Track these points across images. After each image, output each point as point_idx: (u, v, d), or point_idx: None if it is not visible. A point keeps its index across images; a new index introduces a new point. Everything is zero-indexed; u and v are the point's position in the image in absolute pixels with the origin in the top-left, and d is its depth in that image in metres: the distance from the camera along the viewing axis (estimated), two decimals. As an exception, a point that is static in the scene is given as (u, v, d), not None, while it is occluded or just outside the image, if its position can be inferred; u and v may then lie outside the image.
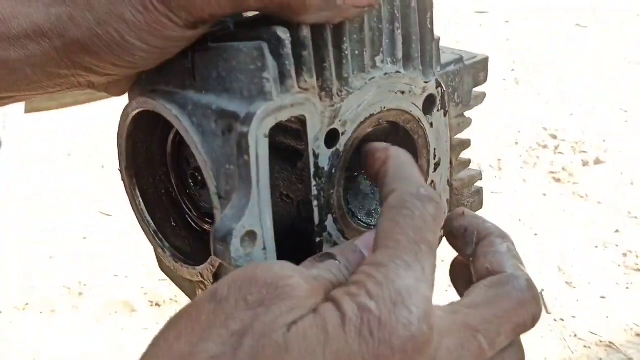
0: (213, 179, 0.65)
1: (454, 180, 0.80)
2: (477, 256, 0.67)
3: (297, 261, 0.71)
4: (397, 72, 0.70)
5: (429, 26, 0.72)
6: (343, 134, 0.67)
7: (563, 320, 2.53)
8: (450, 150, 0.78)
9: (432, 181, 0.76)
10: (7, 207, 2.90)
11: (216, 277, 0.71)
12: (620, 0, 4.91)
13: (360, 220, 0.74)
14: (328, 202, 0.68)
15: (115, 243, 2.74)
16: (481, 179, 0.84)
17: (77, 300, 2.50)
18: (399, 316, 0.52)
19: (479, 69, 0.79)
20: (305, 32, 0.63)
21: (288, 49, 0.62)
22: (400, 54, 0.70)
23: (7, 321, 2.45)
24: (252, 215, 0.61)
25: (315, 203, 0.67)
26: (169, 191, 0.83)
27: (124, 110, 0.76)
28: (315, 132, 0.65)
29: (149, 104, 0.71)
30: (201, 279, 0.74)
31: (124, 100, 0.75)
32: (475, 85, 0.79)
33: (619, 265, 2.74)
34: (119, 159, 0.80)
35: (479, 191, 0.84)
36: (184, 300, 0.69)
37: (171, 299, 2.53)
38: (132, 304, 2.52)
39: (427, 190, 0.60)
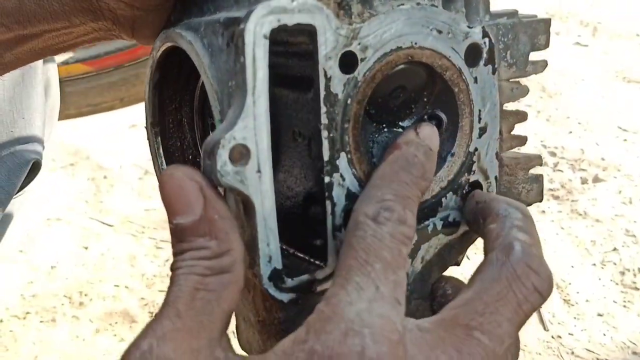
0: (217, 104, 0.60)
1: (504, 156, 0.71)
2: (484, 235, 0.62)
3: (304, 214, 0.68)
4: (433, 5, 0.63)
5: None
6: (363, 60, 0.60)
7: (560, 337, 2.53)
8: (501, 119, 0.70)
9: (476, 148, 0.69)
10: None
11: None
12: (621, 20, 4.93)
13: None
14: (341, 137, 0.61)
15: (116, 253, 2.74)
16: (541, 164, 0.74)
17: (77, 310, 2.50)
18: (351, 345, 0.49)
19: (537, 29, 0.70)
20: None
21: None
22: None
23: (7, 330, 2.44)
24: (246, 128, 0.54)
25: (325, 134, 0.60)
26: (196, 159, 0.79)
27: (151, 54, 0.72)
28: (327, 49, 0.58)
29: (169, 36, 0.67)
30: None
31: (128, 112, 0.74)
32: (533, 49, 0.71)
33: (617, 284, 2.74)
34: (145, 112, 0.76)
35: (538, 179, 0.75)
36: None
37: (171, 310, 2.53)
38: (132, 314, 2.51)
39: (388, 210, 0.56)
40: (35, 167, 1.19)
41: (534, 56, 0.71)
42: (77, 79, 2.48)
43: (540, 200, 0.75)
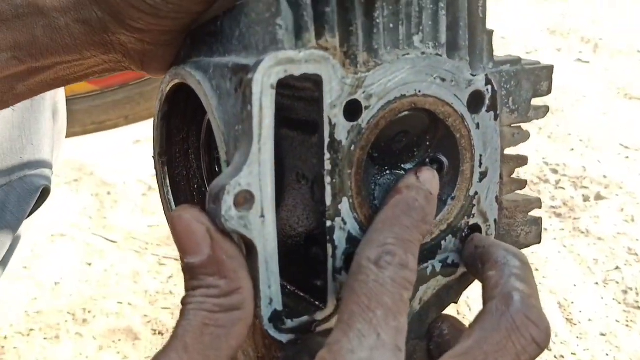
0: (223, 145, 0.62)
1: (504, 199, 0.72)
2: (483, 281, 0.63)
3: (305, 254, 0.69)
4: (438, 54, 0.64)
5: (480, 15, 0.67)
6: (367, 108, 0.61)
7: (563, 357, 2.52)
8: (502, 163, 0.71)
9: (476, 192, 0.70)
10: (13, 232, 2.89)
11: None
12: (622, 37, 4.95)
13: None
14: (344, 182, 0.62)
15: (120, 270, 2.74)
16: (540, 207, 0.75)
17: (81, 327, 2.50)
18: None
19: (540, 76, 0.72)
20: None
21: None
22: (443, 39, 0.65)
23: (12, 347, 2.44)
24: (251, 174, 0.56)
25: (328, 179, 0.61)
26: (201, 189, 0.80)
27: (160, 87, 0.74)
28: (332, 97, 0.59)
29: (178, 74, 0.69)
30: None
31: (132, 129, 0.75)
32: (536, 95, 0.72)
33: (620, 303, 2.74)
34: (153, 142, 0.78)
35: (537, 222, 0.75)
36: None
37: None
38: (135, 331, 2.51)
39: (390, 254, 0.57)
40: (44, 193, 1.21)
41: (536, 102, 0.72)
42: (82, 97, 2.49)
43: (539, 242, 0.76)
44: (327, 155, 0.60)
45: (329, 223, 0.62)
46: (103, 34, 0.70)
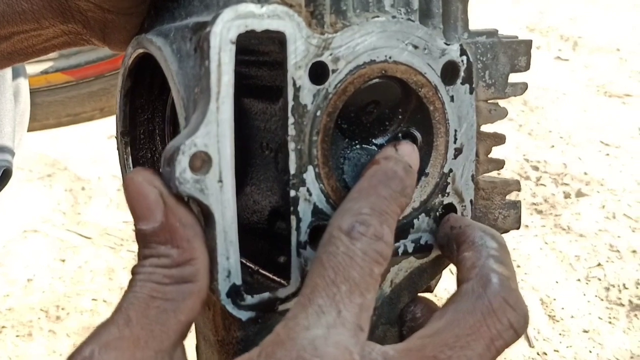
0: (183, 110, 0.58)
1: (480, 179, 0.70)
2: (458, 262, 0.59)
3: (269, 230, 0.66)
4: (410, 19, 0.62)
5: None
6: (334, 71, 0.59)
7: (546, 354, 2.51)
8: (478, 140, 0.68)
9: (451, 169, 0.67)
10: (-15, 228, 2.84)
11: None
12: (601, 35, 4.96)
13: None
14: (309, 150, 0.59)
15: (94, 266, 2.69)
16: (519, 190, 0.72)
17: (54, 324, 2.44)
18: None
19: (518, 50, 0.69)
20: None
21: None
22: (416, 5, 0.62)
23: (-17, 345, 2.39)
24: (208, 134, 0.53)
25: (292, 146, 0.58)
26: None
27: (122, 61, 0.71)
28: (297, 57, 0.56)
29: (139, 43, 0.66)
30: None
31: (107, 123, 0.72)
32: (513, 70, 0.69)
33: (602, 300, 2.73)
34: (116, 121, 0.75)
35: (516, 205, 0.72)
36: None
37: (151, 325, 2.47)
38: (110, 329, 2.46)
39: (364, 224, 0.53)
40: (5, 175, 1.17)
41: (513, 78, 0.69)
42: (56, 88, 2.44)
43: (518, 228, 0.73)
44: (291, 120, 0.57)
45: (292, 193, 0.59)
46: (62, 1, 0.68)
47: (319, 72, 0.58)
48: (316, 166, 0.59)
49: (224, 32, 0.52)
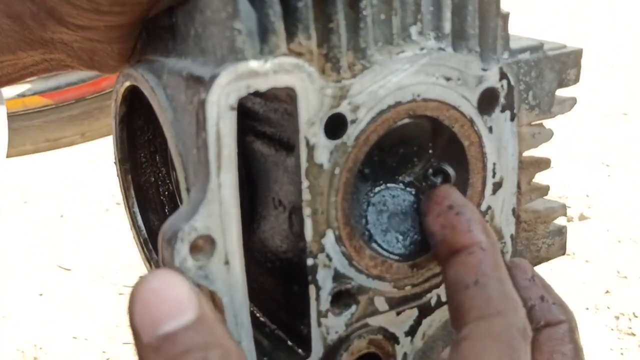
0: (182, 168, 0.53)
1: (522, 211, 0.63)
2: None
3: (285, 291, 0.60)
4: (441, 49, 0.54)
5: None
6: (354, 122, 0.51)
7: (557, 388, 2.40)
8: (520, 169, 0.62)
9: (489, 207, 0.60)
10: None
11: None
12: (598, 54, 4.91)
13: (379, 245, 0.57)
14: (327, 211, 0.52)
15: (75, 301, 2.56)
16: (565, 215, 0.66)
17: (31, 365, 2.31)
18: None
19: (567, 63, 0.61)
20: None
21: None
22: (448, 28, 0.54)
23: (-45, 388, 2.25)
24: (210, 215, 0.46)
25: (307, 211, 0.51)
26: (173, 196, 0.73)
27: (114, 88, 0.66)
28: (310, 113, 0.49)
29: (130, 75, 0.60)
30: None
31: (88, 147, 0.64)
32: (561, 86, 0.62)
33: (612, 329, 2.64)
34: (114, 148, 0.69)
35: (561, 231, 0.66)
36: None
37: (135, 365, 2.34)
38: (92, 370, 2.33)
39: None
40: None
41: (560, 92, 0.62)
42: (34, 112, 2.35)
43: (563, 254, 0.68)
44: (305, 183, 0.51)
45: (310, 261, 0.53)
46: (41, 31, 0.61)
47: (335, 126, 0.51)
48: (336, 229, 0.53)
49: (221, 100, 0.45)
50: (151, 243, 0.68)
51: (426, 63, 0.53)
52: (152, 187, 0.71)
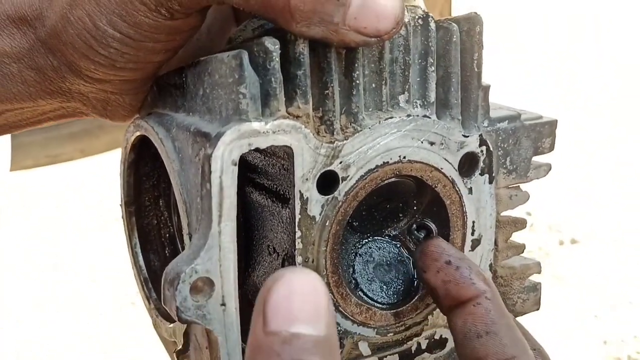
0: (185, 215, 0.57)
1: (499, 267, 0.67)
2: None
3: None
4: (426, 116, 0.59)
5: (476, 69, 0.61)
6: (344, 179, 0.56)
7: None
8: (497, 228, 0.66)
9: None
10: None
11: (186, 335, 0.61)
12: (585, 93, 4.90)
13: (365, 294, 0.62)
14: (317, 260, 0.57)
15: (74, 301, 2.56)
16: (539, 272, 0.69)
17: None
18: None
19: (542, 132, 0.66)
20: (301, 48, 0.53)
21: (275, 62, 0.52)
22: (432, 97, 0.59)
23: None
24: (210, 259, 0.51)
25: (299, 259, 0.56)
26: (174, 239, 0.76)
27: (124, 135, 0.70)
28: (304, 169, 0.54)
29: (141, 126, 0.65)
30: (174, 337, 0.64)
31: (82, 165, 0.67)
32: (536, 153, 0.66)
33: (600, 354, 2.66)
34: (120, 191, 0.73)
35: (536, 287, 0.70)
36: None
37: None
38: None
39: None
40: None
41: (537, 159, 0.67)
42: (35, 130, 2.34)
43: (537, 309, 0.71)
44: (298, 233, 0.55)
45: None
46: (60, 83, 0.65)
47: (328, 182, 0.56)
48: (325, 276, 0.57)
49: (225, 155, 0.50)
50: (151, 282, 0.71)
51: (412, 128, 0.58)
52: (154, 229, 0.74)
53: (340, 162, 0.55)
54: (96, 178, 3.27)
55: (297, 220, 0.55)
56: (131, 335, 2.44)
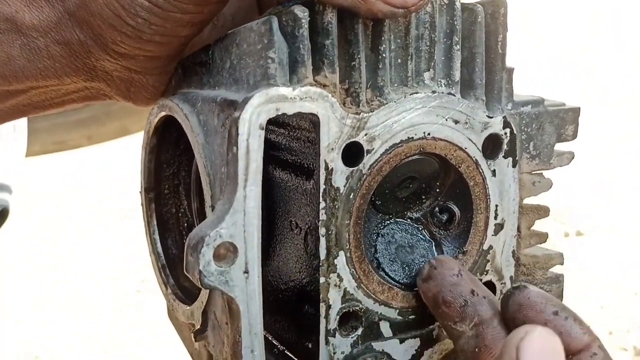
0: (209, 188, 0.58)
1: (522, 255, 0.67)
2: None
3: (296, 313, 0.64)
4: (451, 94, 0.59)
5: (500, 51, 0.61)
6: (369, 152, 0.56)
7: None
8: (520, 214, 0.66)
9: (491, 246, 0.64)
10: None
11: (205, 314, 0.61)
12: (604, 86, 4.89)
13: (387, 274, 0.62)
14: (341, 234, 0.57)
15: (75, 301, 2.56)
16: (561, 263, 0.69)
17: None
18: None
19: (565, 119, 0.66)
20: (330, 17, 0.54)
21: (304, 30, 0.53)
22: (457, 76, 0.60)
23: None
24: (234, 224, 0.51)
25: (322, 231, 0.56)
26: (192, 228, 0.75)
27: (148, 118, 0.70)
28: (330, 139, 0.54)
29: (165, 105, 0.65)
30: (191, 319, 0.64)
31: (88, 151, 0.67)
32: (559, 140, 0.66)
33: (606, 345, 2.65)
34: (140, 177, 0.74)
35: (558, 279, 0.69)
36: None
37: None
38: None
39: None
40: (2, 214, 1.19)
41: (560, 147, 0.67)
42: (43, 116, 2.35)
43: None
44: (322, 204, 0.55)
45: (322, 279, 0.57)
46: (85, 58, 0.65)
47: (353, 154, 0.56)
48: (348, 250, 0.57)
49: (253, 118, 0.50)
50: (169, 269, 0.72)
51: (437, 105, 0.58)
52: (172, 217, 0.74)
53: (366, 134, 0.56)
54: (97, 178, 3.27)
55: (321, 190, 0.55)
56: (131, 335, 2.44)
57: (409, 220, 0.64)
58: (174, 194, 0.75)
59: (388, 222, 0.63)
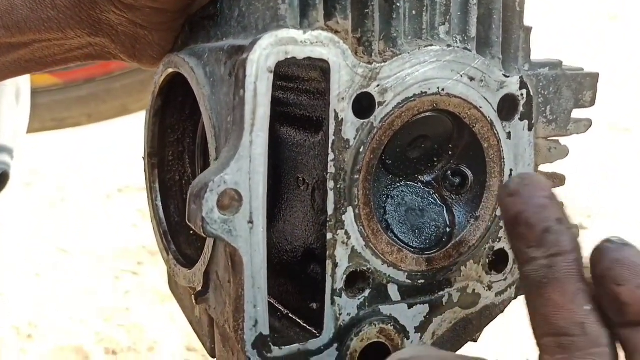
0: (214, 140, 0.55)
1: None
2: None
3: (301, 274, 0.62)
4: (466, 49, 0.57)
5: (517, 8, 0.59)
6: (381, 104, 0.54)
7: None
8: None
9: None
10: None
11: (206, 275, 0.59)
12: (607, 68, 4.90)
13: (396, 235, 0.60)
14: (350, 189, 0.55)
15: (71, 283, 2.55)
16: (577, 236, 0.65)
17: (25, 343, 2.30)
18: None
19: (583, 84, 0.64)
20: None
21: None
22: (473, 32, 0.58)
23: (-55, 363, 2.25)
24: (240, 171, 0.49)
25: (331, 184, 0.54)
26: None
27: (153, 80, 0.68)
28: (341, 88, 0.52)
29: (172, 61, 0.63)
30: (192, 282, 0.63)
31: (94, 130, 0.65)
32: (577, 106, 0.64)
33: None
34: (144, 141, 0.72)
35: None
36: (142, 349, 0.57)
37: (129, 347, 2.34)
38: (85, 350, 2.32)
39: None
40: (3, 178, 1.16)
41: (577, 113, 0.65)
42: (42, 91, 2.32)
43: None
44: (331, 156, 0.54)
45: (329, 235, 0.55)
46: (90, 10, 0.64)
47: (364, 105, 0.54)
48: (356, 207, 0.55)
49: (261, 60, 0.49)
50: (171, 235, 0.70)
51: (452, 60, 0.56)
52: (176, 184, 0.73)
53: (378, 86, 0.54)
54: (96, 161, 3.26)
55: (330, 141, 0.53)
56: (129, 314, 2.44)
57: (420, 183, 0.62)
58: (178, 161, 0.74)
59: (398, 184, 0.61)
